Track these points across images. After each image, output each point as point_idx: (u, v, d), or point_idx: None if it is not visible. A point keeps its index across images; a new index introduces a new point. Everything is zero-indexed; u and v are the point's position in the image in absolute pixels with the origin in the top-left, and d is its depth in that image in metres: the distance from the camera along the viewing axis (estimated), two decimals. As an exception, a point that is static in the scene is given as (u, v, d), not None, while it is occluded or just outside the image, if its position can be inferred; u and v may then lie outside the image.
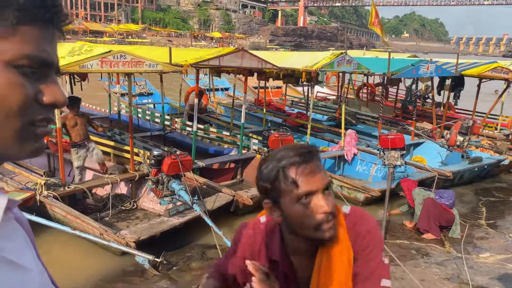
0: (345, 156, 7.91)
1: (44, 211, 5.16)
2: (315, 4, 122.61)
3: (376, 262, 1.15)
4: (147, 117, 9.96)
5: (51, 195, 5.16)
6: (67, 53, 5.36)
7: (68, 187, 5.46)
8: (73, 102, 5.98)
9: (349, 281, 1.15)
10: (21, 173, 5.79)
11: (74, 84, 8.50)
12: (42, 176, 5.54)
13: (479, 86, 9.48)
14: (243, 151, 7.48)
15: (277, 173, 1.11)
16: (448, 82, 10.12)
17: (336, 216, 1.14)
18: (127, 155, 6.12)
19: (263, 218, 1.31)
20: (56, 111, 5.44)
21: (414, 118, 9.12)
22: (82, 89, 8.48)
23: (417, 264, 4.65)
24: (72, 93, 8.93)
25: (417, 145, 8.89)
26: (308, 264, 1.20)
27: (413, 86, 11.31)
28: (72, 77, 8.20)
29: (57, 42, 0.60)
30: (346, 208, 1.23)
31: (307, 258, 1.20)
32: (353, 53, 11.00)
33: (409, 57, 11.46)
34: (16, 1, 0.53)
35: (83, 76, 8.09)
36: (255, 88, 12.68)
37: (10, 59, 0.54)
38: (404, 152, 6.11)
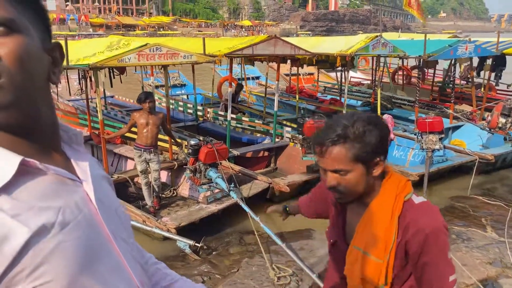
0: (381, 141, 7.79)
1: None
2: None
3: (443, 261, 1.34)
4: (180, 108, 10.15)
5: (96, 184, 5.39)
6: (106, 47, 5.54)
7: (112, 177, 5.70)
8: (145, 97, 5.24)
9: (387, 238, 1.37)
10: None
11: (114, 78, 8.73)
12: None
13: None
14: (277, 140, 7.51)
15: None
16: (488, 62, 9.72)
17: (341, 192, 1.38)
18: (165, 145, 6.28)
19: None
20: (98, 102, 5.63)
21: (452, 101, 8.84)
22: (121, 82, 8.71)
23: (458, 248, 4.57)
24: (111, 86, 9.17)
25: (456, 128, 8.63)
26: (357, 216, 1.48)
27: (452, 68, 10.93)
28: (111, 71, 8.44)
29: None
30: (419, 199, 1.43)
31: (355, 210, 1.50)
32: (388, 36, 10.74)
33: (449, 37, 11.05)
34: None
35: (122, 70, 8.31)
36: (287, 75, 12.60)
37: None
38: (442, 135, 5.99)
